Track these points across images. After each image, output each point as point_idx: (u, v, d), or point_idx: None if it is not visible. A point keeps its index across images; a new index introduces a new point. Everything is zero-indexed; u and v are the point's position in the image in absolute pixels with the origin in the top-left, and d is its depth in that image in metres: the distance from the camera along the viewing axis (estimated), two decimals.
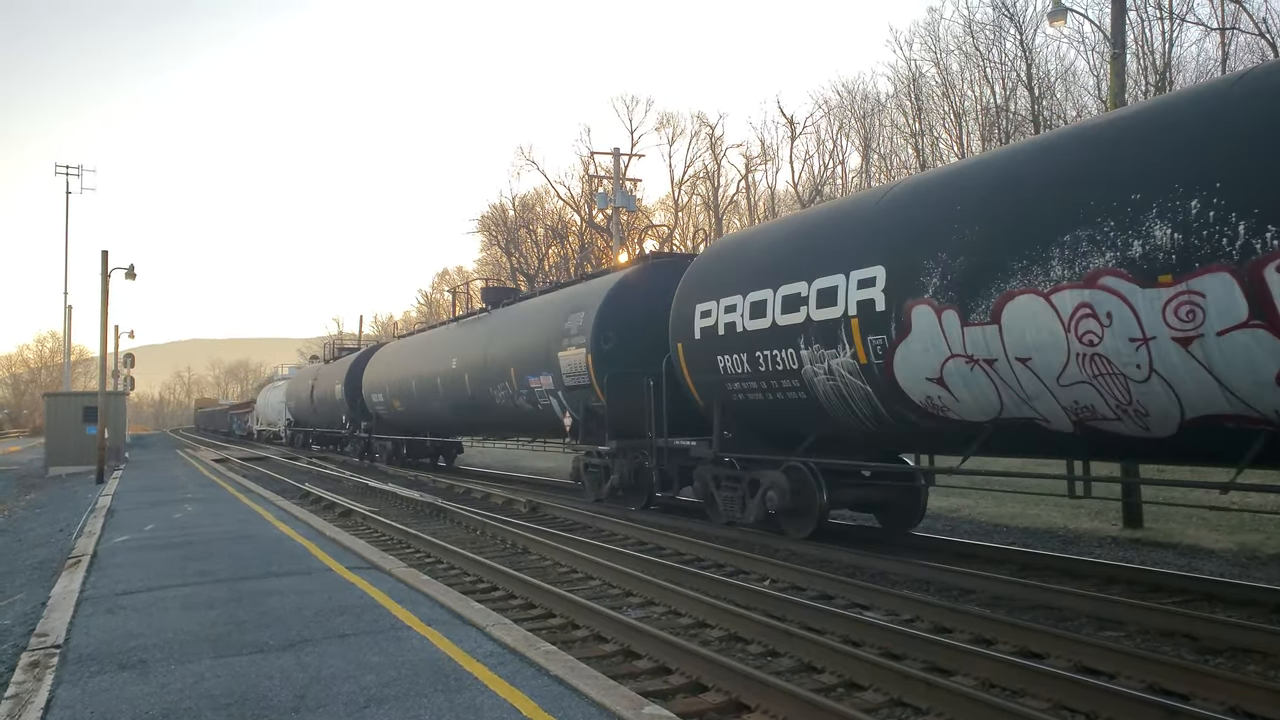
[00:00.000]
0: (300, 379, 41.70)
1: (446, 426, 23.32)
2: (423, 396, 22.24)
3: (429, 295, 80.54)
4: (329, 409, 32.99)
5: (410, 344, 25.65)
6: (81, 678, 5.02)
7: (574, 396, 14.59)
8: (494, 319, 18.98)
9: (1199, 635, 6.34)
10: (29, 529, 14.79)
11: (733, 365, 10.62)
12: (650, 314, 13.00)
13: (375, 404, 26.74)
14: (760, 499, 10.74)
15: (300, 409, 39.21)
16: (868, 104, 41.19)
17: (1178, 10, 27.95)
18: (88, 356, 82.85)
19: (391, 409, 25.37)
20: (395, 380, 24.52)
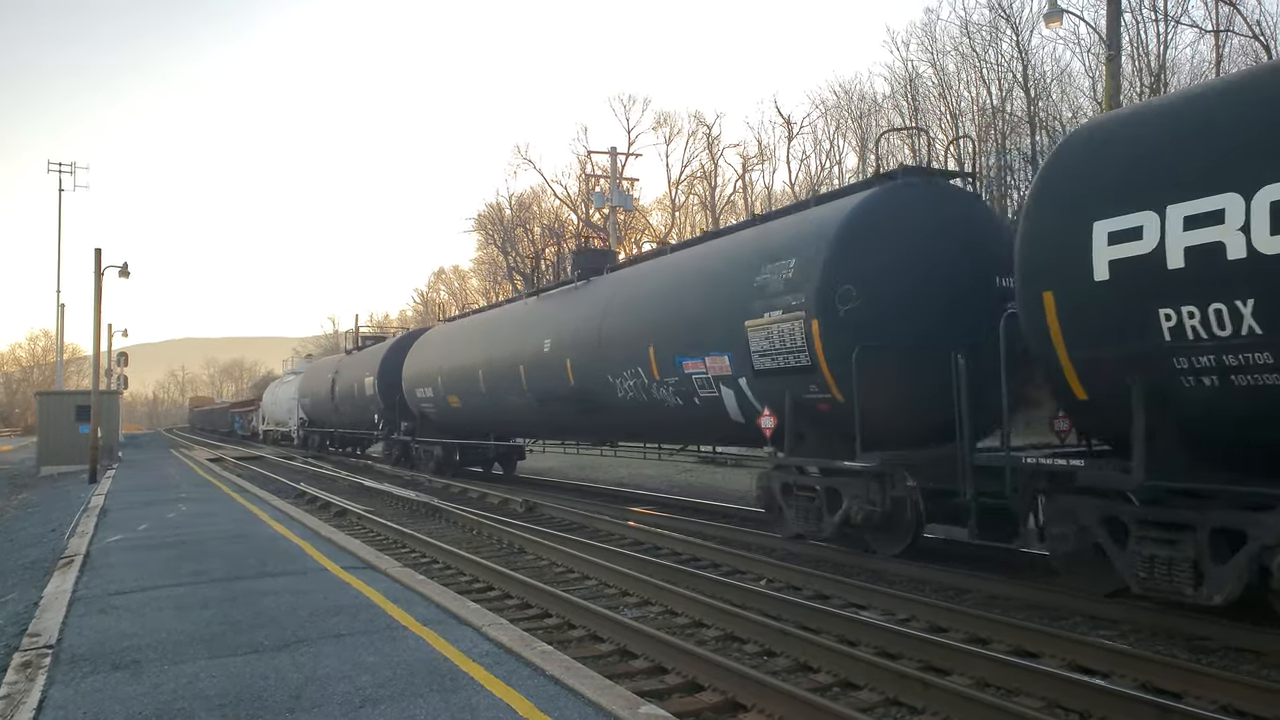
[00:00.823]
0: (316, 372, 35.80)
1: (526, 427, 18.84)
2: (495, 390, 17.48)
3: (425, 294, 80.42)
4: (355, 407, 27.83)
5: (468, 326, 20.57)
6: (74, 678, 5.00)
7: (771, 385, 9.94)
8: (605, 286, 14.55)
9: (1192, 634, 6.36)
10: (21, 529, 14.72)
11: (1200, 323, 5.83)
12: (917, 255, 9.09)
13: (421, 401, 21.81)
14: (1245, 569, 5.98)
15: (317, 407, 33.83)
16: (864, 104, 41.27)
17: (1172, 12, 28.05)
18: (80, 355, 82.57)
19: (445, 407, 20.63)
20: (452, 371, 19.67)
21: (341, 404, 29.49)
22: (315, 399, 34.18)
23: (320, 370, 35.20)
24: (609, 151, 30.82)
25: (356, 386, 27.32)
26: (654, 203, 53.43)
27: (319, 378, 33.92)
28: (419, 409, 22.26)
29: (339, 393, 29.54)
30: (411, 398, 22.52)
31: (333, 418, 31.70)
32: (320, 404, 33.12)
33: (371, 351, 27.68)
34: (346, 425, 30.37)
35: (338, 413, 30.41)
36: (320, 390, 32.69)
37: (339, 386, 29.58)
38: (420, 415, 22.45)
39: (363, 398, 26.67)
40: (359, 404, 27.34)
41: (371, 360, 26.39)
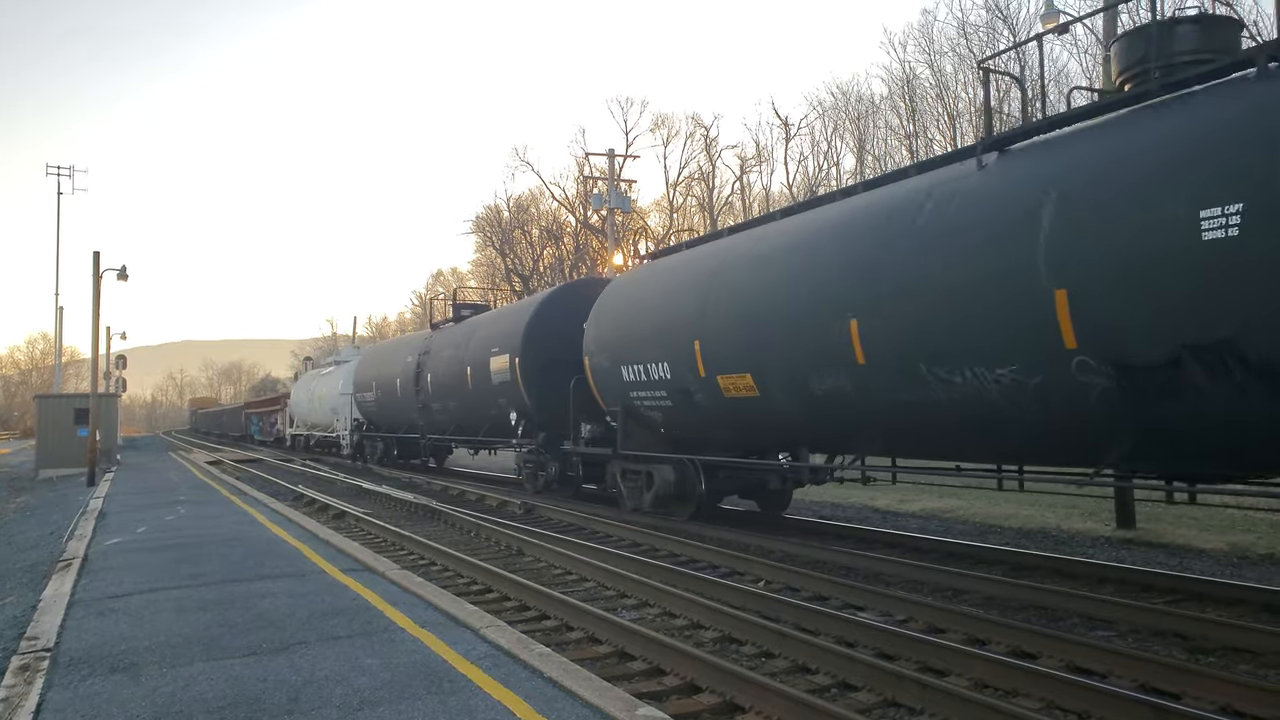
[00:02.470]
0: (382, 357, 26.69)
1: (881, 434, 9.47)
2: (806, 363, 9.56)
3: (423, 296, 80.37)
4: (468, 402, 19.19)
5: (735, 258, 11.13)
6: (72, 681, 5.00)
7: None
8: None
9: (1190, 635, 6.38)
10: (19, 532, 14.70)
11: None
12: None
13: (635, 389, 12.88)
14: None
15: (386, 404, 25.10)
16: (862, 105, 41.34)
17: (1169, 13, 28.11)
18: (79, 358, 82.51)
19: (709, 398, 11.36)
20: (737, 326, 10.65)
21: (436, 398, 21.12)
22: (384, 393, 25.07)
23: (390, 354, 25.81)
24: (607, 153, 30.83)
25: (472, 371, 18.51)
26: (652, 204, 53.48)
27: (388, 363, 25.16)
28: (629, 403, 13.13)
29: (435, 383, 21.01)
30: (611, 383, 13.45)
31: (416, 418, 22.61)
32: (393, 400, 24.35)
33: (500, 318, 18.68)
34: (445, 428, 21.36)
35: (428, 411, 21.82)
36: (392, 380, 24.03)
37: (433, 374, 21.19)
38: (631, 414, 13.25)
39: (483, 388, 18.00)
40: (474, 397, 18.67)
41: (505, 329, 17.48)
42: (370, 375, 26.92)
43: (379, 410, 26.47)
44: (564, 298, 16.90)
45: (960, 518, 13.10)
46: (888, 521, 12.98)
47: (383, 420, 26.64)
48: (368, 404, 27.28)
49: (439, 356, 21.17)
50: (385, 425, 26.59)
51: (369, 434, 28.44)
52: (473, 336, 19.47)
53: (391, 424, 25.72)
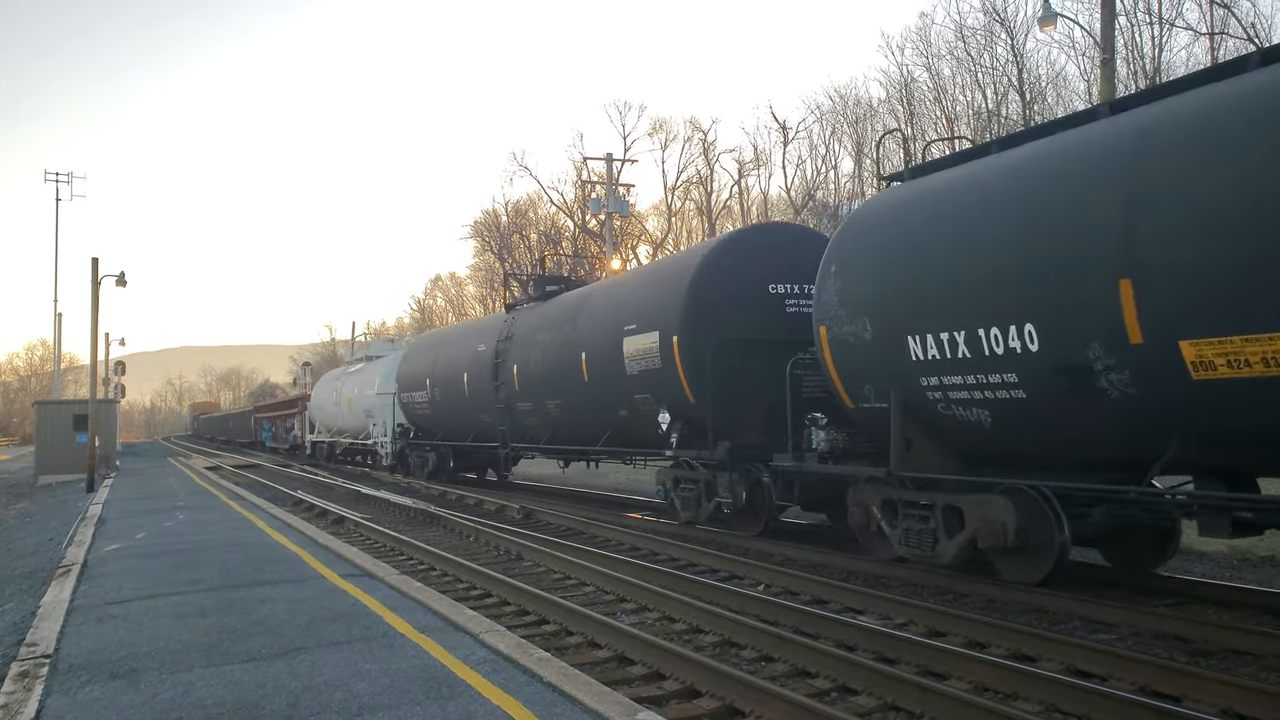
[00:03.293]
0: (437, 349, 21.47)
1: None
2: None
3: (422, 302, 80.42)
4: (582, 402, 14.24)
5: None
6: (72, 687, 4.99)
7: None
8: None
9: (1191, 637, 6.37)
10: (19, 538, 14.68)
11: None
12: None
13: (932, 381, 7.92)
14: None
15: (447, 406, 20.21)
16: (860, 108, 41.40)
17: (1167, 15, 28.16)
18: (78, 364, 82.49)
19: (1064, 401, 6.96)
20: (1210, 258, 5.84)
21: (527, 396, 15.91)
22: (443, 392, 20.14)
23: (451, 344, 20.64)
24: (605, 158, 30.87)
25: (590, 358, 13.55)
26: (650, 208, 53.55)
27: (449, 355, 20.08)
28: (916, 395, 8.21)
29: (522, 376, 15.98)
30: (877, 365, 8.62)
31: (494, 422, 17.45)
32: (456, 400, 19.33)
33: (638, 283, 13.65)
34: (538, 435, 16.29)
35: (511, 414, 16.66)
36: (456, 376, 19.14)
37: (520, 365, 16.07)
38: (917, 413, 8.32)
39: (610, 381, 13.03)
40: (594, 394, 13.62)
41: (649, 297, 12.51)
42: (420, 371, 21.55)
43: (435, 414, 21.16)
44: (747, 248, 11.66)
45: None
46: None
47: (439, 426, 21.33)
48: (417, 406, 22.14)
49: (528, 343, 15.92)
50: (443, 432, 21.20)
51: (417, 442, 23.16)
52: (584, 313, 14.24)
53: (453, 430, 20.52)
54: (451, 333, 23.83)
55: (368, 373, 28.45)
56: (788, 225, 16.12)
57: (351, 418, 29.37)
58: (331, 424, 32.37)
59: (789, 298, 11.42)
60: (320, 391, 34.67)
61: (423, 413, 22.23)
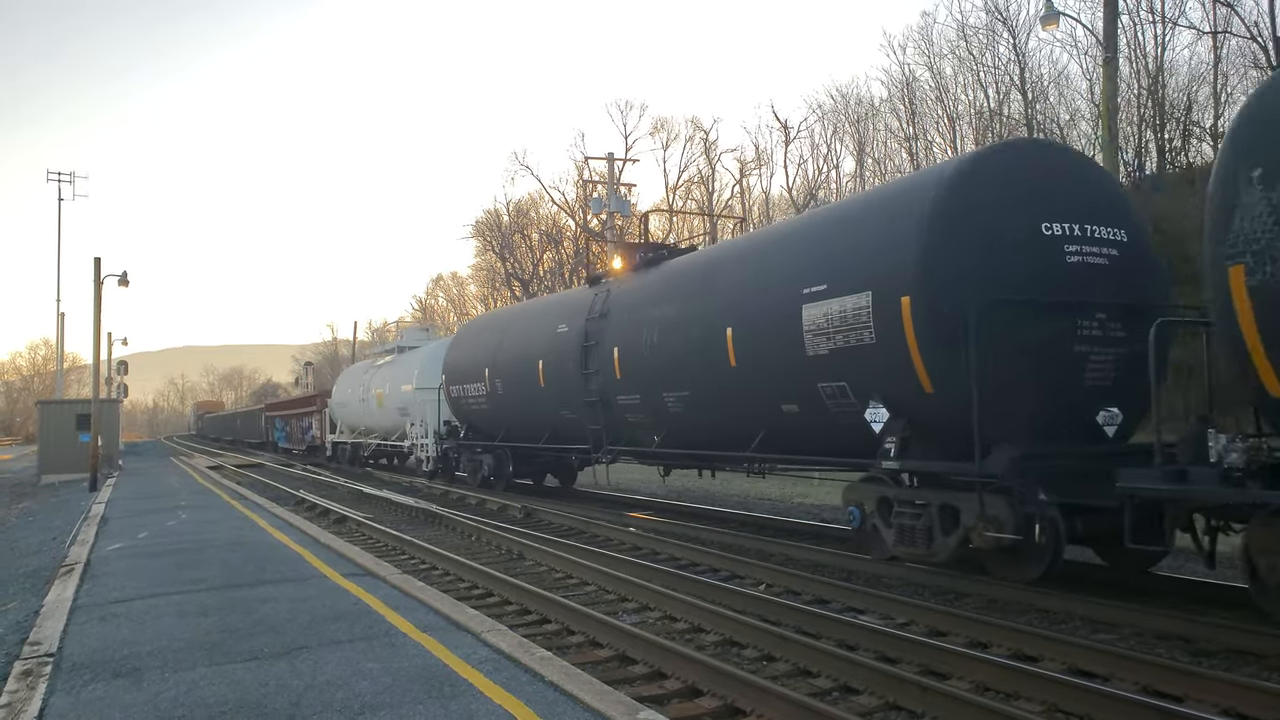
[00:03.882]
0: (499, 333, 17.92)
1: None
2: None
3: (423, 301, 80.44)
4: (718, 395, 10.99)
5: None
6: (75, 686, 5.00)
7: None
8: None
9: (1193, 637, 6.36)
10: (22, 537, 14.71)
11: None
12: None
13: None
14: None
15: (513, 401, 16.86)
16: (861, 108, 41.35)
17: (1169, 14, 28.12)
18: (80, 364, 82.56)
19: None
20: None
21: (635, 387, 12.72)
22: (507, 384, 16.79)
23: (520, 325, 17.14)
24: (606, 157, 30.88)
25: (740, 335, 10.39)
26: (651, 207, 53.53)
27: (518, 340, 16.66)
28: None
29: (625, 361, 12.82)
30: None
31: (582, 419, 14.19)
32: (528, 392, 15.99)
33: (826, 226, 9.99)
34: (642, 437, 13.06)
35: (609, 409, 13.45)
36: (527, 364, 15.76)
37: (621, 348, 12.93)
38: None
39: (778, 362, 9.80)
40: (742, 383, 10.48)
41: (854, 245, 9.14)
42: (475, 360, 18.25)
43: (495, 410, 17.74)
44: (1008, 171, 8.25)
45: None
46: None
47: (499, 424, 17.97)
48: (471, 402, 18.79)
49: (634, 320, 12.65)
50: (504, 431, 17.86)
51: (469, 443, 19.63)
52: (723, 276, 11.03)
53: (520, 429, 17.19)
54: (519, 312, 19.26)
55: (402, 365, 25.31)
56: (1059, 146, 11.97)
57: (383, 416, 26.18)
58: (357, 423, 29.11)
59: (1069, 241, 7.91)
60: (344, 387, 31.27)
61: (478, 409, 18.72)
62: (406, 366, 24.95)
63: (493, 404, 17.91)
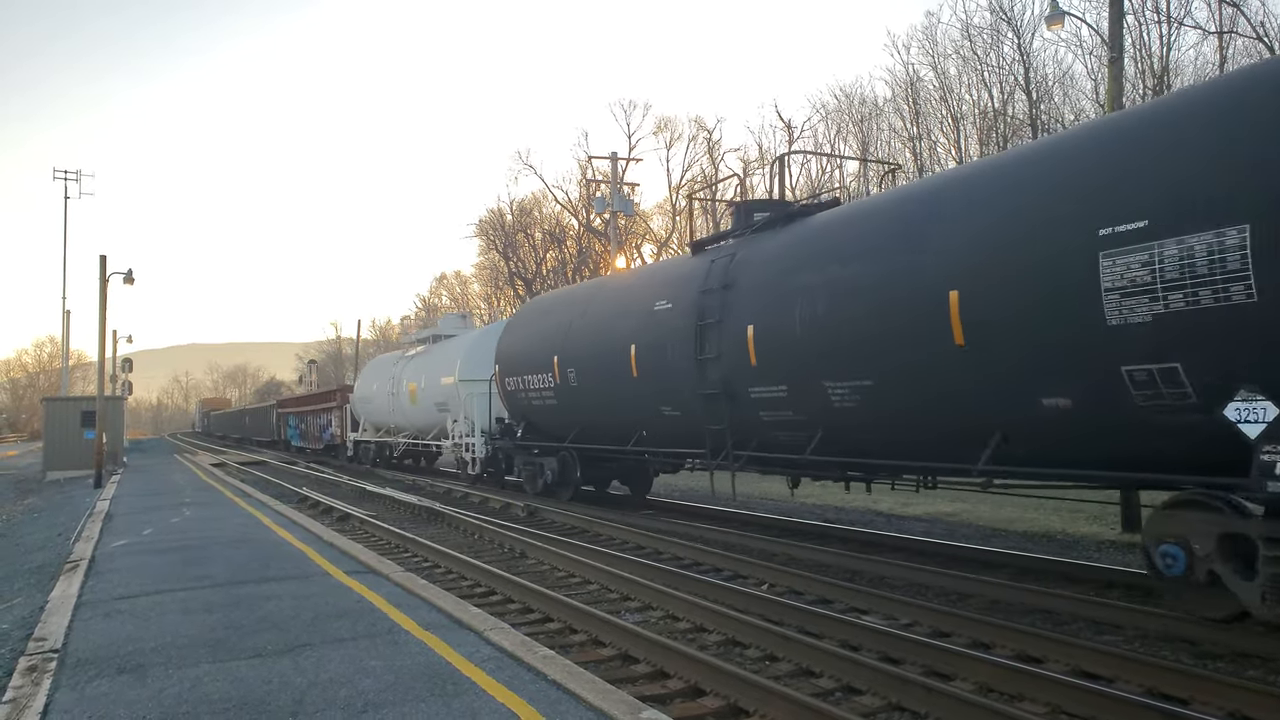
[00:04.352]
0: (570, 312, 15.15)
1: None
2: None
3: (426, 300, 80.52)
4: (927, 379, 8.05)
5: None
6: (79, 682, 5.01)
7: None
8: None
9: (1198, 639, 6.35)
10: (27, 533, 14.76)
11: None
12: None
13: None
14: None
15: (593, 392, 13.95)
16: (865, 108, 41.30)
17: (1175, 14, 28.04)
18: (86, 361, 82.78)
19: None
20: None
21: (783, 374, 9.90)
22: (583, 374, 14.04)
23: (601, 305, 14.29)
24: (610, 156, 30.86)
25: (972, 299, 7.51)
26: (654, 207, 53.51)
27: (598, 322, 13.94)
28: None
29: (763, 342, 10.03)
30: None
31: (696, 414, 11.34)
32: (614, 384, 13.17)
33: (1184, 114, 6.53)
34: (795, 441, 9.92)
35: (734, 403, 10.64)
36: (616, 349, 12.93)
37: (759, 326, 10.11)
38: None
39: (1061, 329, 6.83)
40: (984, 362, 7.52)
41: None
42: (539, 346, 15.33)
43: (566, 405, 14.69)
44: None
45: (964, 521, 13.07)
46: (891, 525, 12.96)
47: (571, 422, 14.86)
48: (533, 395, 15.71)
49: (779, 289, 9.96)
50: (579, 431, 14.77)
51: (527, 443, 16.60)
52: (938, 219, 8.23)
53: (600, 428, 14.14)
54: (595, 289, 15.58)
55: (441, 355, 22.59)
56: None
57: (416, 413, 23.43)
58: (384, 420, 26.52)
59: None
60: (368, 381, 28.41)
61: (541, 404, 15.62)
62: (446, 356, 22.11)
63: (563, 398, 14.80)
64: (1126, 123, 7.13)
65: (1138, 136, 6.75)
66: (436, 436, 22.78)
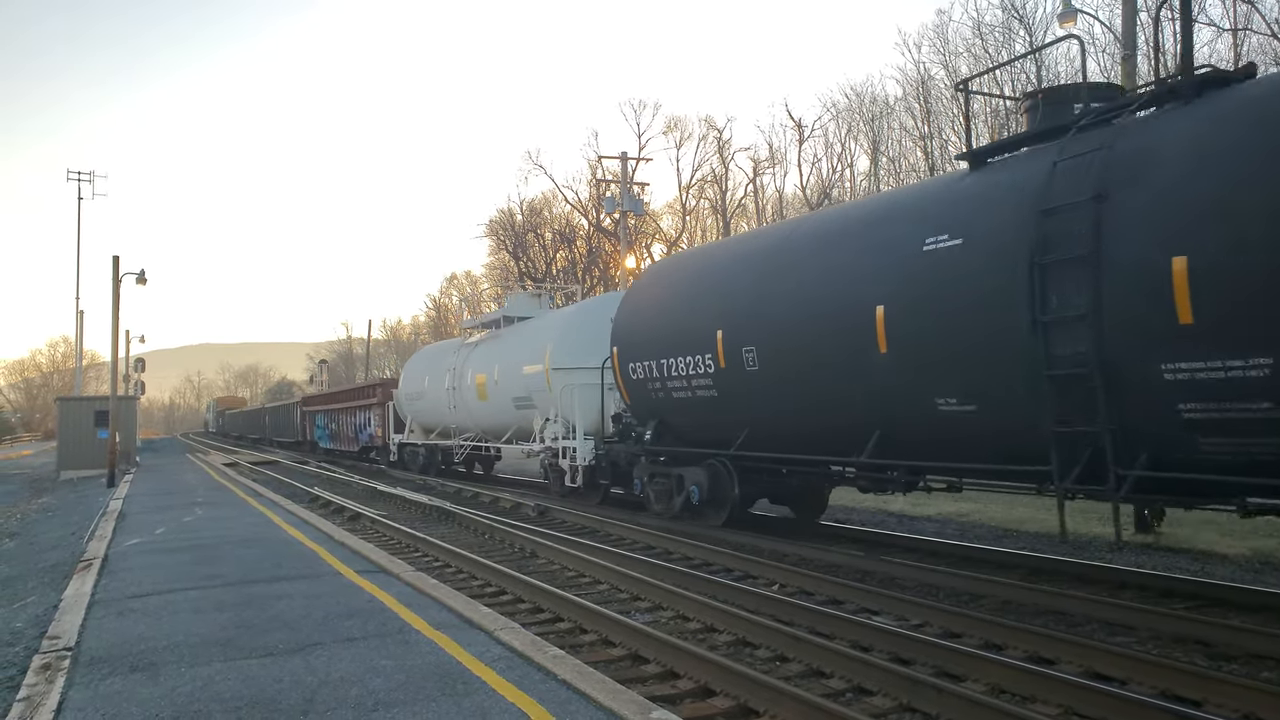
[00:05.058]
0: (753, 262, 10.83)
1: None
2: None
3: (437, 300, 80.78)
4: None
5: None
6: (93, 680, 5.05)
7: None
8: None
9: (1212, 641, 6.30)
10: (41, 532, 14.88)
11: None
12: None
13: None
14: None
15: (792, 378, 9.83)
16: (876, 107, 41.16)
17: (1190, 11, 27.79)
18: (99, 361, 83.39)
19: None
20: None
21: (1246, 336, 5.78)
22: (771, 351, 10.15)
23: (796, 244, 10.36)
24: (620, 156, 30.89)
25: None
26: (664, 207, 53.51)
27: (811, 262, 9.87)
28: None
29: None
30: None
31: (977, 407, 7.87)
32: (847, 363, 9.06)
33: None
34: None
35: (1123, 390, 6.57)
36: (846, 310, 9.02)
37: (1212, 245, 5.98)
38: None
39: None
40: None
41: None
42: (700, 316, 11.48)
43: (737, 397, 10.99)
44: None
45: (976, 521, 13.01)
46: (903, 525, 12.91)
47: (738, 422, 11.16)
48: (679, 386, 11.87)
49: (1222, 198, 6.12)
50: (751, 433, 11.04)
51: (659, 449, 12.85)
52: None
53: (796, 432, 10.32)
54: (793, 231, 11.10)
55: (519, 339, 18.51)
56: None
57: (485, 410, 19.55)
58: (437, 420, 22.78)
59: None
60: (416, 375, 24.42)
61: (691, 396, 11.69)
62: (530, 339, 17.88)
63: (730, 388, 10.95)
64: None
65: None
66: (511, 438, 18.86)
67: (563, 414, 15.88)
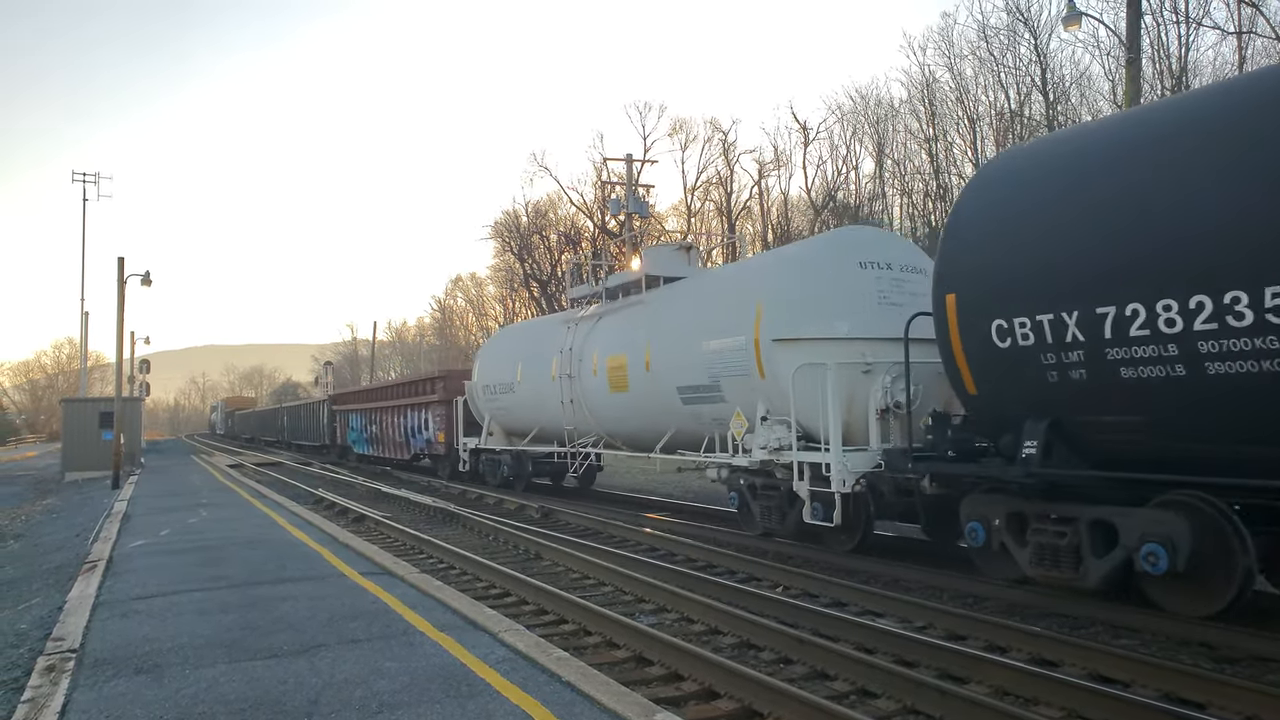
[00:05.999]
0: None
1: None
2: None
3: (442, 302, 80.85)
4: None
5: None
6: (97, 681, 5.06)
7: None
8: None
9: (1216, 644, 6.28)
10: (46, 534, 14.92)
11: None
12: None
13: None
14: None
15: None
16: (881, 109, 41.14)
17: (1193, 14, 27.78)
18: (104, 362, 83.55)
19: None
20: None
21: None
22: None
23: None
24: (625, 158, 30.89)
25: None
26: (669, 209, 53.50)
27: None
28: None
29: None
30: None
31: None
32: None
33: None
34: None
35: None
36: None
37: None
38: None
39: None
40: None
41: None
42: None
43: None
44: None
45: None
46: (906, 526, 12.86)
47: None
48: (1164, 352, 6.10)
49: None
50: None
51: (1051, 473, 7.08)
52: None
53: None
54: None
55: (690, 301, 12.90)
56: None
57: (623, 406, 14.06)
58: (534, 419, 17.50)
59: None
60: (496, 363, 19.00)
61: (1174, 377, 6.15)
62: (715, 300, 12.29)
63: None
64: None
65: None
66: (669, 447, 13.17)
67: (795, 411, 10.05)
